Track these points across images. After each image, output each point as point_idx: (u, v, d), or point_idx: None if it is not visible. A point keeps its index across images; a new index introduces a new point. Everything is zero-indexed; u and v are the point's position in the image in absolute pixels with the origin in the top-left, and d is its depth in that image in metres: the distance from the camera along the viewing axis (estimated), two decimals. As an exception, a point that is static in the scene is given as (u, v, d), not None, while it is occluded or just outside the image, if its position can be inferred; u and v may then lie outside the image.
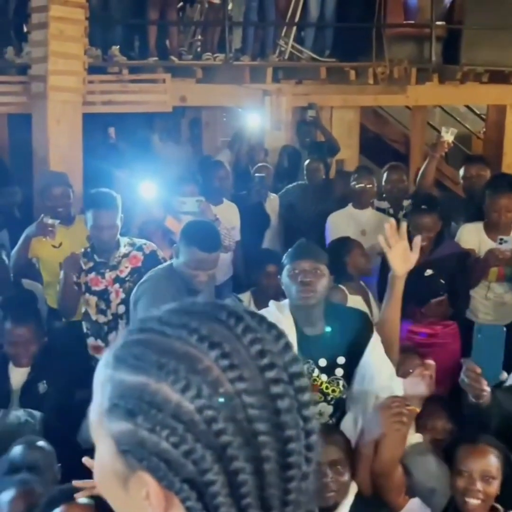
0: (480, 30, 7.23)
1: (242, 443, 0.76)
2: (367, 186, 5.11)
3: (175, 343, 0.79)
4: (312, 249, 2.92)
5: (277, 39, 7.29)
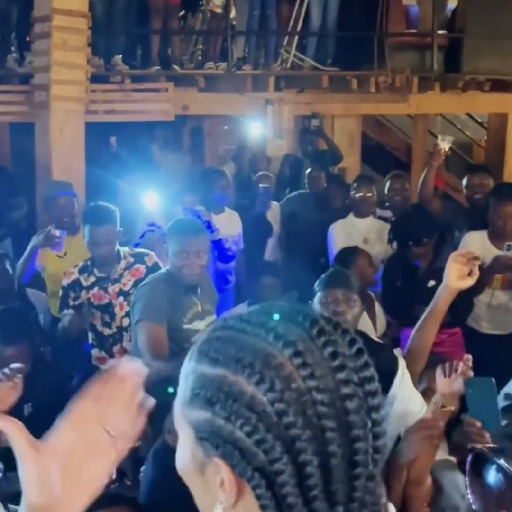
0: (481, 38, 7.24)
1: (310, 437, 0.81)
2: (366, 195, 5.11)
3: (252, 340, 0.85)
4: (346, 278, 2.87)
5: (279, 48, 7.30)
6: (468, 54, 7.29)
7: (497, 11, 7.26)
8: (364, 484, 0.83)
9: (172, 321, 3.30)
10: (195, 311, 3.38)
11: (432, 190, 5.01)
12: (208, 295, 3.51)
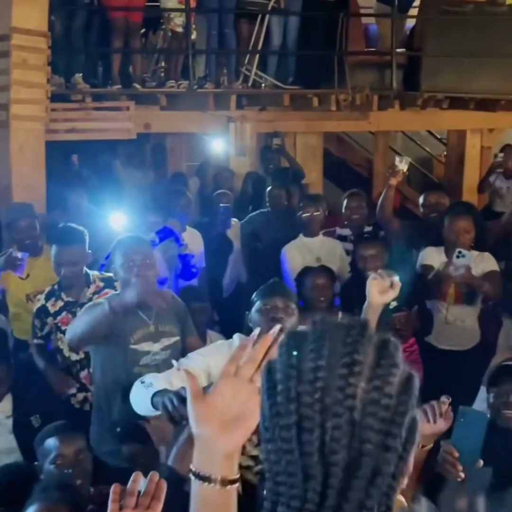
0: (439, 57, 7.36)
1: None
2: (314, 214, 5.14)
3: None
4: (284, 288, 2.92)
5: (241, 67, 7.35)
6: (427, 72, 7.41)
7: (455, 29, 7.38)
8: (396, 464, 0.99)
9: (116, 340, 3.26)
10: (145, 331, 3.32)
11: (391, 210, 5.06)
12: (168, 316, 3.41)
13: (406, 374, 1.01)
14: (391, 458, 0.96)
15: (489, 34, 7.36)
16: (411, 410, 1.00)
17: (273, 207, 5.88)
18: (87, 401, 3.80)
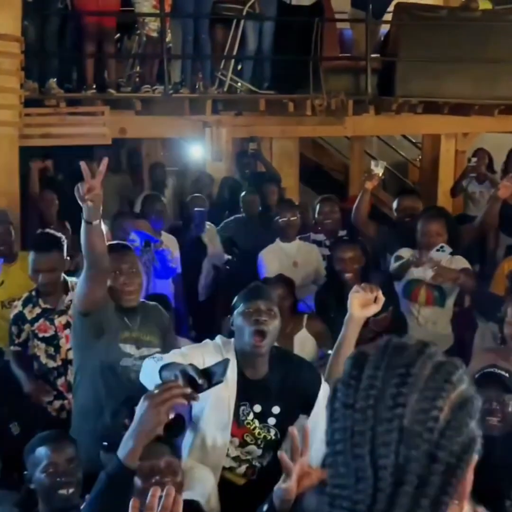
0: (413, 62, 7.42)
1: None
2: (291, 219, 5.15)
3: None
4: (266, 291, 2.91)
5: (216, 72, 7.35)
6: (401, 78, 7.45)
7: (428, 35, 7.44)
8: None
9: (109, 330, 3.24)
10: (125, 335, 3.31)
11: (366, 215, 5.08)
12: (151, 327, 3.40)
13: (468, 394, 1.06)
14: (438, 469, 1.00)
15: (462, 39, 7.42)
16: (467, 428, 1.04)
17: (247, 212, 5.88)
18: (63, 409, 3.77)
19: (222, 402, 2.73)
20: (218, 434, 2.75)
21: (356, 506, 1.01)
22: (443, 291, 4.43)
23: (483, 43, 7.48)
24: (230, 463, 2.84)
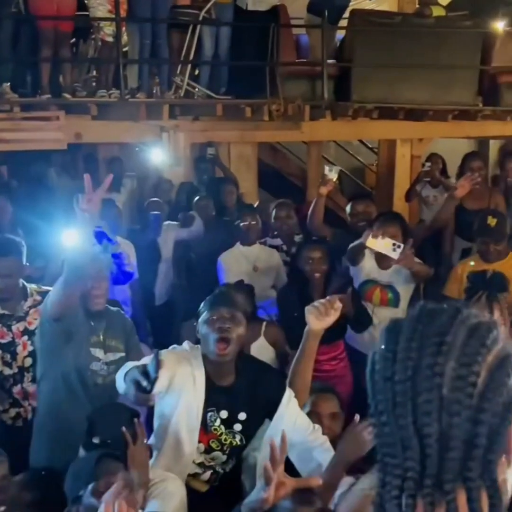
0: (369, 68, 7.49)
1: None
2: (251, 223, 5.17)
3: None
4: (231, 297, 2.91)
5: (173, 77, 7.34)
6: (357, 83, 7.52)
7: (383, 41, 7.52)
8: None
9: (78, 335, 3.23)
10: (94, 339, 3.35)
11: (321, 219, 5.11)
12: (116, 332, 3.43)
13: (504, 354, 1.07)
14: (482, 431, 1.03)
15: (417, 45, 7.52)
16: (507, 387, 1.06)
17: (201, 217, 5.88)
18: (19, 417, 3.71)
19: (190, 408, 2.74)
20: (186, 440, 2.76)
21: (407, 473, 1.05)
22: (397, 292, 4.49)
23: (437, 49, 7.59)
24: (195, 469, 2.85)
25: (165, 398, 2.74)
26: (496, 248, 4.43)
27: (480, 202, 5.63)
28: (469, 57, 7.77)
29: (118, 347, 3.42)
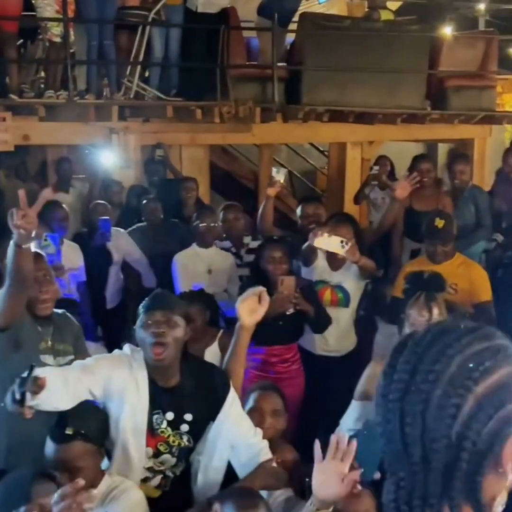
0: (319, 71, 7.54)
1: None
2: (210, 225, 5.16)
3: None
4: (167, 299, 2.85)
5: (122, 78, 7.28)
6: (307, 86, 7.56)
7: (333, 44, 7.57)
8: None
9: (27, 342, 3.18)
10: (42, 346, 3.30)
11: (271, 221, 5.12)
12: (64, 335, 3.39)
13: (500, 382, 1.08)
14: (463, 457, 1.06)
15: (366, 49, 7.60)
16: (497, 415, 1.06)
17: (148, 220, 5.84)
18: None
19: (135, 412, 2.71)
20: (134, 445, 2.73)
21: (400, 482, 1.10)
22: (347, 292, 4.54)
23: (386, 53, 7.68)
24: (145, 474, 2.81)
25: (108, 405, 2.72)
26: (443, 249, 4.49)
27: (429, 204, 5.71)
28: (417, 61, 7.89)
29: (67, 350, 3.38)
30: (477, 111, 8.19)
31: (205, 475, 2.79)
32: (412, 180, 4.98)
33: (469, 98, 8.16)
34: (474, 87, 8.21)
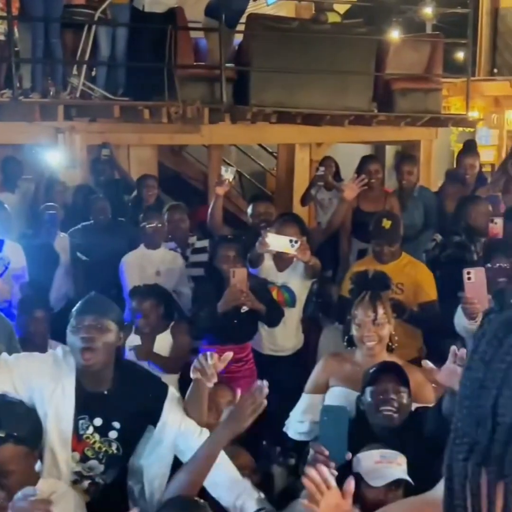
0: (267, 72, 7.54)
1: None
2: (158, 225, 5.12)
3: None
4: (99, 304, 2.79)
5: (68, 77, 7.17)
6: (255, 87, 7.56)
7: (281, 46, 7.59)
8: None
9: None
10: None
11: (221, 220, 5.14)
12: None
13: None
14: None
15: (313, 51, 7.63)
16: None
17: (96, 219, 5.77)
18: None
19: (60, 416, 2.67)
20: (60, 448, 2.68)
21: (475, 445, 1.12)
22: (293, 292, 4.57)
23: (333, 55, 7.73)
24: (73, 478, 2.77)
25: (35, 407, 2.68)
26: (390, 249, 4.54)
27: (376, 205, 5.77)
28: (363, 64, 7.96)
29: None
30: (423, 113, 8.30)
31: (150, 484, 2.75)
32: (360, 182, 5.03)
33: (415, 100, 8.27)
34: (420, 90, 8.32)
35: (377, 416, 2.90)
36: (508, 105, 10.85)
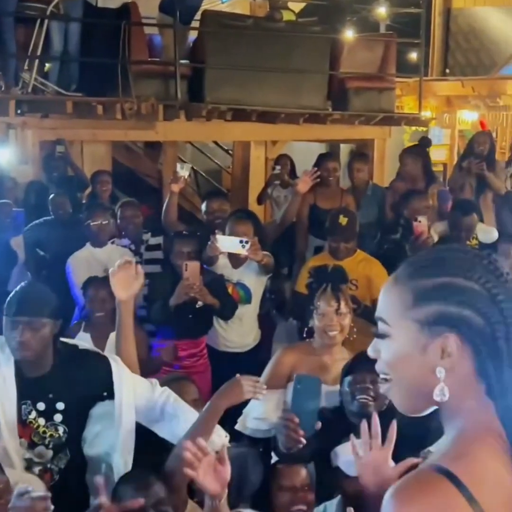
0: (222, 69, 7.52)
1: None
2: (103, 223, 5.06)
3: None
4: (33, 302, 2.72)
5: (20, 72, 7.05)
6: (210, 84, 7.54)
7: (235, 43, 7.57)
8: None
9: None
10: None
11: (175, 216, 5.12)
12: None
13: None
14: None
15: (268, 49, 7.64)
16: None
17: (56, 215, 5.70)
18: None
19: (3, 402, 2.67)
20: (7, 436, 2.68)
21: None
22: (248, 289, 4.58)
23: (288, 53, 7.74)
24: (24, 464, 2.75)
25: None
26: (346, 246, 4.57)
27: (333, 202, 5.81)
28: (318, 62, 7.99)
29: None
30: (376, 112, 8.37)
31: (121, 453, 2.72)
32: (313, 175, 5.06)
33: (369, 99, 8.34)
34: (373, 89, 8.39)
35: (353, 404, 2.92)
36: (460, 105, 11.04)
